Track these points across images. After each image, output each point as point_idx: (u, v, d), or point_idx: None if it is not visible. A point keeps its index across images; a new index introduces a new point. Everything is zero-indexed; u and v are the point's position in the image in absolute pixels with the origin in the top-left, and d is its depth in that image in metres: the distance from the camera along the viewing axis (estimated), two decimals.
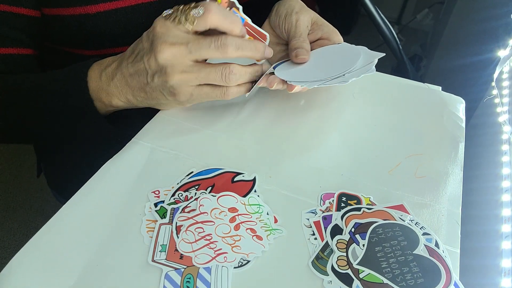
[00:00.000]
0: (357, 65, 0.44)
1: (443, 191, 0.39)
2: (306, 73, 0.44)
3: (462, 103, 0.50)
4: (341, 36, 0.49)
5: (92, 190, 0.36)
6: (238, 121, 0.45)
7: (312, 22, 0.49)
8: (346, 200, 0.37)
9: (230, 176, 0.38)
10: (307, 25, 0.48)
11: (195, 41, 0.37)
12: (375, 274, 0.31)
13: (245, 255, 0.32)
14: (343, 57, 0.45)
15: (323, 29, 0.49)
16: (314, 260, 0.32)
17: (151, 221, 0.34)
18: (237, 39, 0.38)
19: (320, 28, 0.49)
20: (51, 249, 0.32)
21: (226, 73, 0.39)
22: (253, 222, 0.34)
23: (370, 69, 0.43)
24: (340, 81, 0.42)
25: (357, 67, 0.44)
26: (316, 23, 0.49)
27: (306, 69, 0.45)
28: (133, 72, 0.40)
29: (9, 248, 1.21)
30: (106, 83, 0.41)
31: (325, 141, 0.44)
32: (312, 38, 0.49)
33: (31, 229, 1.25)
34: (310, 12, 0.49)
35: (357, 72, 0.43)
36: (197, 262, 0.31)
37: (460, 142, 0.45)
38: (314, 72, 0.44)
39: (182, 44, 0.37)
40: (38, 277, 0.30)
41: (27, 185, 1.36)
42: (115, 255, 0.32)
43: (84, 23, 0.47)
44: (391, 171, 0.41)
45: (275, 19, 0.50)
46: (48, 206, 1.29)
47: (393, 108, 0.49)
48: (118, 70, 0.41)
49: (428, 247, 0.33)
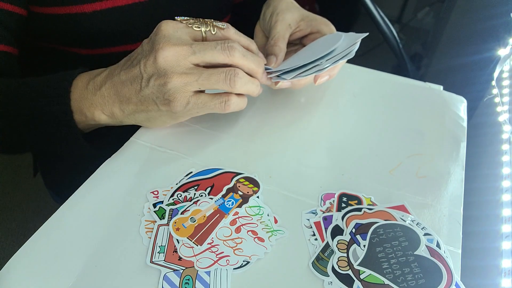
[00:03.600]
0: (337, 50, 0.42)
1: (444, 191, 0.39)
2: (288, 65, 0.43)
3: (463, 102, 0.50)
4: (332, 26, 0.48)
5: (90, 190, 0.36)
6: (238, 121, 0.45)
7: (300, 19, 0.48)
8: (346, 201, 0.37)
9: (230, 176, 0.38)
10: (289, 23, 0.47)
11: (200, 43, 0.36)
12: (376, 275, 0.31)
13: (248, 257, 0.32)
14: (323, 45, 0.44)
15: (311, 24, 0.47)
16: (315, 261, 0.32)
17: (149, 221, 0.34)
18: (243, 49, 0.37)
19: (309, 24, 0.48)
20: (49, 250, 0.32)
21: (231, 75, 0.35)
22: (254, 224, 0.34)
23: (349, 54, 0.41)
24: (318, 69, 0.40)
25: (336, 51, 0.42)
26: (303, 20, 0.48)
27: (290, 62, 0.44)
28: (125, 79, 0.37)
29: (7, 248, 1.21)
30: (92, 92, 0.38)
31: (325, 141, 0.44)
32: (300, 35, 0.48)
33: (29, 229, 1.24)
34: (297, 11, 0.48)
35: (335, 58, 0.41)
36: (199, 266, 0.31)
37: (462, 142, 0.44)
38: (295, 62, 0.42)
39: (186, 45, 0.35)
40: (36, 278, 0.30)
41: (25, 186, 1.36)
42: (114, 256, 0.31)
43: (80, 22, 0.47)
44: (392, 171, 0.40)
45: (262, 22, 0.50)
46: (46, 207, 1.29)
47: (394, 108, 0.49)
48: (108, 79, 0.38)
49: (429, 248, 0.33)
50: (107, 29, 0.48)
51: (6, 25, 0.44)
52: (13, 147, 0.44)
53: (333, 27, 0.48)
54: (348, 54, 0.42)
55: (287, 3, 0.49)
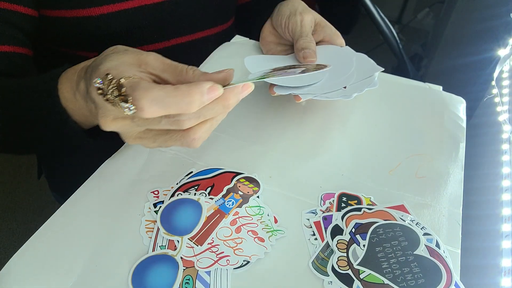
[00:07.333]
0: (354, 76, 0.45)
1: (443, 191, 0.39)
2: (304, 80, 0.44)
3: (462, 103, 0.50)
4: (343, 39, 0.49)
5: (91, 190, 0.36)
6: (238, 121, 0.45)
7: (315, 23, 0.49)
8: (346, 200, 0.37)
9: (230, 176, 0.38)
10: (311, 25, 0.48)
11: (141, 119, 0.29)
12: (376, 274, 0.31)
13: (248, 257, 0.32)
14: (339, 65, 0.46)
15: (325, 31, 0.49)
16: (315, 260, 0.32)
17: (150, 221, 0.34)
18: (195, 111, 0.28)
19: (323, 30, 0.49)
20: (50, 249, 0.32)
21: (187, 143, 0.30)
22: (254, 224, 0.34)
23: (372, 83, 0.44)
24: (342, 95, 0.42)
25: (355, 79, 0.44)
26: (319, 24, 0.49)
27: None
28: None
29: (8, 248, 1.21)
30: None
31: (325, 141, 0.44)
32: (314, 39, 0.49)
33: (30, 229, 1.24)
34: (313, 13, 0.50)
35: (360, 86, 0.43)
36: (199, 266, 0.31)
37: (461, 142, 0.44)
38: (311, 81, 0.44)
39: (126, 119, 0.29)
40: (36, 277, 0.30)
41: (26, 186, 1.36)
42: (114, 255, 0.32)
43: (87, 25, 0.47)
44: (391, 171, 0.41)
45: (277, 19, 0.50)
46: (47, 207, 1.29)
47: (394, 108, 0.49)
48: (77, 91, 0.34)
49: (428, 247, 0.33)
50: (114, 32, 0.49)
51: (20, 27, 0.45)
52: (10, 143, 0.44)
53: (343, 40, 0.50)
54: (371, 85, 0.44)
55: (303, 4, 0.50)
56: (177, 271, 0.30)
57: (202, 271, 0.31)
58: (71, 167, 0.61)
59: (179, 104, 0.26)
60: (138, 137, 0.31)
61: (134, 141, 0.32)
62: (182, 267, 0.31)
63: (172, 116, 0.28)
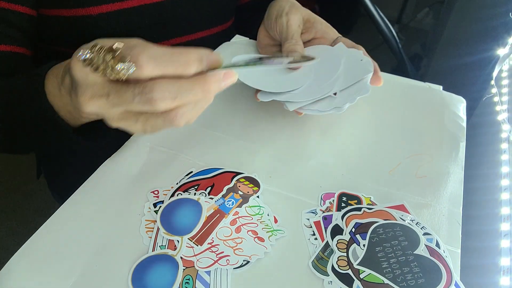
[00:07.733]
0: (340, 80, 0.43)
1: (443, 191, 0.39)
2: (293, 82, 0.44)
3: (462, 102, 0.50)
4: (335, 30, 0.49)
5: (91, 190, 0.36)
6: (238, 120, 0.45)
7: (304, 20, 0.48)
8: (346, 200, 0.37)
9: (230, 176, 0.38)
10: (299, 24, 0.47)
11: (116, 93, 0.28)
12: (376, 274, 0.31)
13: (248, 257, 0.32)
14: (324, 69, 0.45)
15: (316, 26, 0.48)
16: (315, 260, 0.32)
17: (150, 221, 0.34)
18: (172, 86, 0.27)
19: (313, 26, 0.48)
20: (50, 249, 0.32)
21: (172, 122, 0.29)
22: (254, 224, 0.34)
23: (364, 89, 0.42)
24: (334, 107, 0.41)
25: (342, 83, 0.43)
26: (308, 21, 0.48)
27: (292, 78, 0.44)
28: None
29: (8, 248, 1.21)
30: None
31: (325, 141, 0.44)
32: (305, 37, 0.49)
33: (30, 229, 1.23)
34: (301, 11, 0.48)
35: (352, 96, 0.42)
36: (199, 266, 0.31)
37: (461, 142, 0.44)
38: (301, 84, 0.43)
39: (102, 97, 0.29)
40: (36, 277, 0.30)
41: (26, 185, 1.36)
42: (114, 255, 0.32)
43: (86, 25, 0.47)
44: (391, 171, 0.41)
45: (268, 22, 0.50)
46: (47, 206, 1.29)
47: (394, 108, 0.49)
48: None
49: (428, 247, 0.33)
50: (113, 32, 0.48)
51: (18, 26, 0.44)
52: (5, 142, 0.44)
53: (336, 31, 0.49)
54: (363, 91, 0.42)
55: (291, 3, 0.49)
56: (177, 271, 0.30)
57: (202, 271, 0.31)
58: (70, 167, 0.61)
59: (176, 62, 0.27)
60: (120, 118, 0.30)
61: (118, 122, 0.30)
62: (182, 267, 0.31)
63: (145, 93, 0.27)
